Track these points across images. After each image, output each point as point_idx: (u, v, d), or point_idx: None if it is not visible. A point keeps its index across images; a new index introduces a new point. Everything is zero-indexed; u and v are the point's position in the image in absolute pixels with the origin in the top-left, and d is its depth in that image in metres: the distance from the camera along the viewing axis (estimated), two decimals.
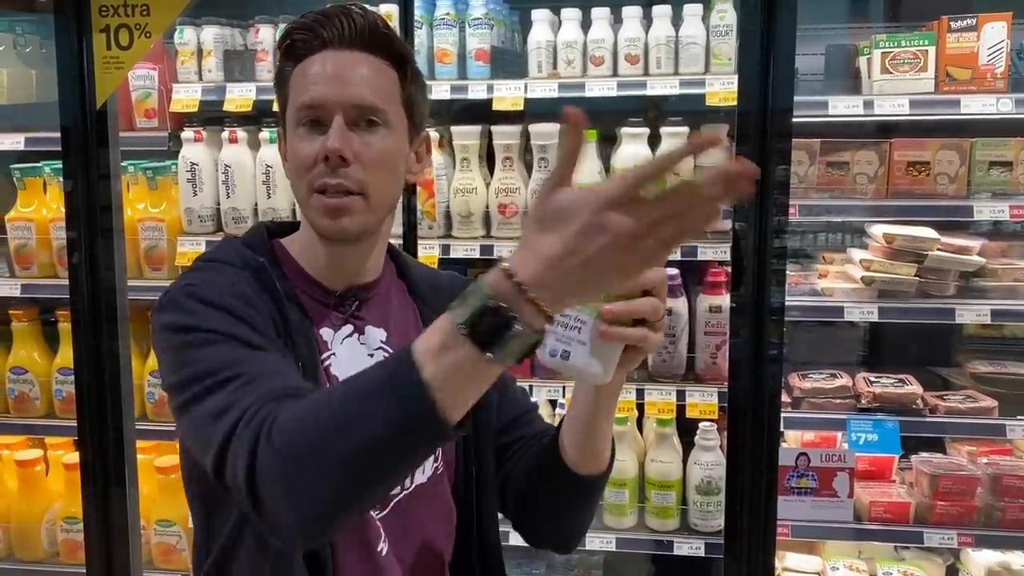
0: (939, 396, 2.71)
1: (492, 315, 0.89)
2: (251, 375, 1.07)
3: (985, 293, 2.68)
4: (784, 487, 2.61)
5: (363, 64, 1.25)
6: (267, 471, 0.97)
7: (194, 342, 1.14)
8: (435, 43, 2.80)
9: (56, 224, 2.88)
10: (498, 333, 0.89)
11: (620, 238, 0.85)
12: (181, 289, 1.21)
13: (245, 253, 1.30)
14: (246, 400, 1.03)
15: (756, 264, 2.29)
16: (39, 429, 3.02)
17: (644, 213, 0.85)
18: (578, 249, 0.86)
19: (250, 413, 1.01)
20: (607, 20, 2.74)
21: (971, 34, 2.55)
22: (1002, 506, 2.61)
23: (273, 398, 1.02)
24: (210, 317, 1.15)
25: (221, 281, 1.22)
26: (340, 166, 1.22)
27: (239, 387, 1.06)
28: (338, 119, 1.22)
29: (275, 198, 2.87)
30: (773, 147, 2.25)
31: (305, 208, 1.28)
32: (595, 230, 0.85)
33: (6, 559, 3.00)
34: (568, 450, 1.31)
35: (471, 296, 0.90)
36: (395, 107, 1.28)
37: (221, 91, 2.83)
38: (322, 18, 1.25)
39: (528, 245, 0.89)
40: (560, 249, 0.87)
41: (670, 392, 2.69)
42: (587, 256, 0.86)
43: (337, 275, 1.34)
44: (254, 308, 1.20)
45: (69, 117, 2.40)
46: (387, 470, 0.98)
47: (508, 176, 2.82)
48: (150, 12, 2.31)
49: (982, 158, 2.69)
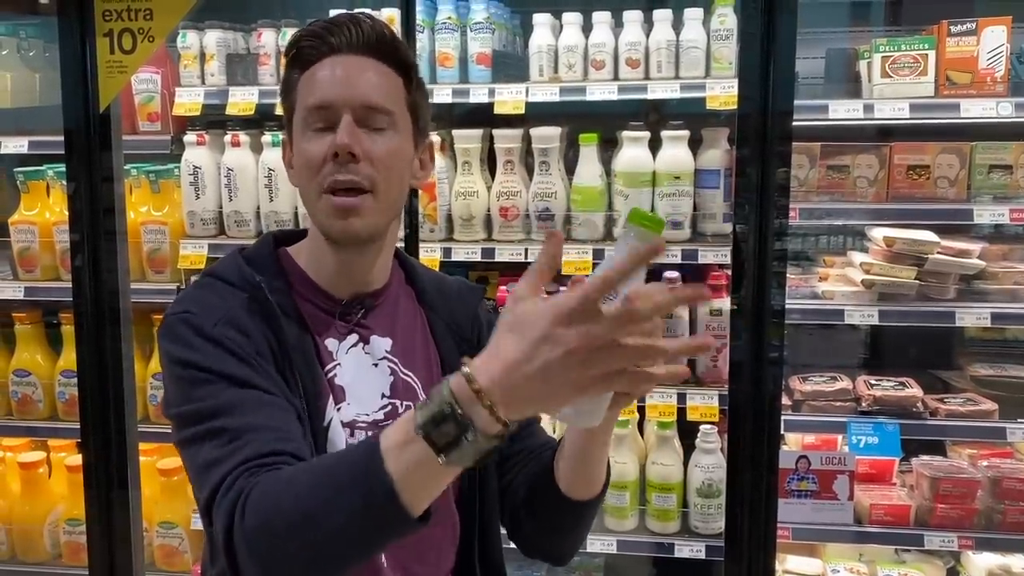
0: (939, 399, 2.71)
1: (449, 421, 0.91)
2: (237, 430, 1.11)
3: (985, 296, 2.68)
4: (785, 490, 2.61)
5: (370, 68, 1.27)
6: (242, 548, 1.03)
7: (190, 379, 1.18)
8: (437, 47, 2.81)
9: (59, 227, 2.89)
10: (454, 440, 0.91)
11: (570, 355, 0.86)
12: (180, 316, 1.23)
13: (245, 271, 1.30)
14: (229, 462, 1.08)
15: (756, 267, 2.30)
16: (42, 431, 3.03)
17: (596, 333, 0.86)
18: (533, 359, 0.88)
19: (230, 480, 1.06)
20: (608, 24, 2.75)
21: (971, 38, 2.56)
22: (1002, 509, 2.61)
23: (253, 467, 1.06)
24: (205, 353, 1.18)
25: (217, 306, 1.24)
26: (349, 162, 1.23)
27: (225, 443, 1.10)
28: (347, 117, 1.23)
29: (277, 201, 2.88)
30: (773, 150, 2.26)
31: (314, 211, 1.28)
32: (548, 343, 0.87)
33: (9, 561, 3.01)
34: (561, 477, 1.30)
35: (435, 398, 0.93)
36: (401, 111, 1.29)
37: (223, 95, 2.84)
38: (330, 25, 1.27)
39: (493, 349, 0.91)
40: (518, 357, 0.88)
41: (671, 395, 2.70)
42: (541, 367, 0.87)
43: (344, 282, 1.34)
44: (247, 335, 1.21)
45: (72, 120, 2.40)
46: (353, 556, 1.02)
47: (509, 179, 2.83)
48: (153, 16, 2.32)
49: (982, 161, 2.69)
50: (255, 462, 1.07)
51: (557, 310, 0.87)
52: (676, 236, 2.73)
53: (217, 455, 1.10)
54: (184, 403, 1.18)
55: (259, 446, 1.09)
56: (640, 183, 2.73)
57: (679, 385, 2.73)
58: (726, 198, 2.71)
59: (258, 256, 1.35)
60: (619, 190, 2.75)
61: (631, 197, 2.72)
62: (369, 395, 1.32)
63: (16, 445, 3.08)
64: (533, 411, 0.96)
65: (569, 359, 0.87)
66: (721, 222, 2.73)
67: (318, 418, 1.25)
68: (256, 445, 1.09)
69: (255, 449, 1.08)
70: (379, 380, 1.34)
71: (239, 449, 1.09)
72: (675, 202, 2.72)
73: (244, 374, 1.17)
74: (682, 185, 2.72)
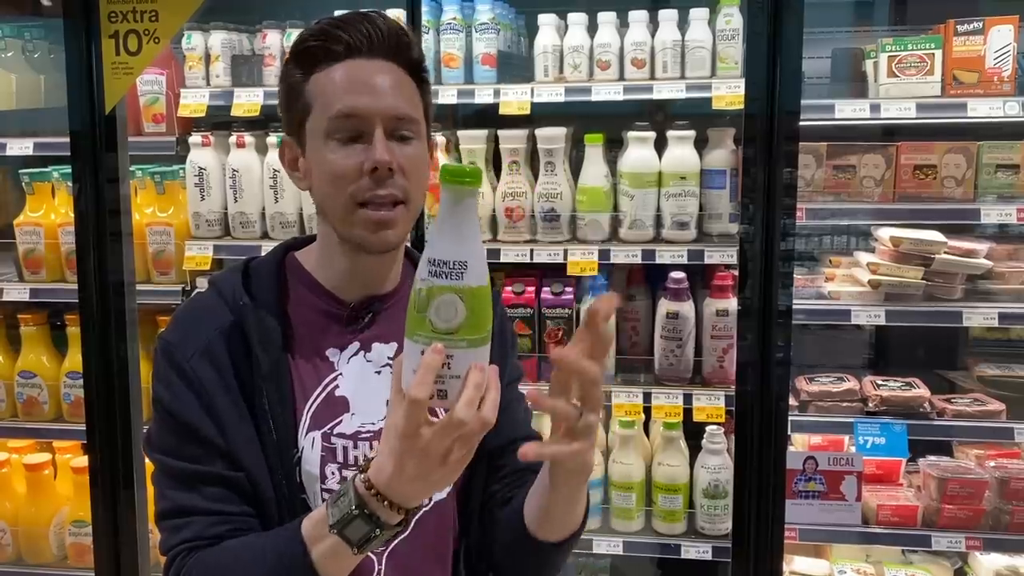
0: (946, 399, 2.71)
1: (358, 519, 1.06)
2: (183, 507, 1.23)
3: (992, 296, 2.68)
4: (791, 490, 2.60)
5: (389, 74, 1.24)
6: None
7: (160, 421, 1.27)
8: (442, 47, 2.81)
9: (65, 229, 2.89)
10: (365, 536, 1.06)
11: (427, 459, 1.01)
12: (163, 344, 1.28)
13: (238, 290, 1.29)
14: (176, 537, 1.22)
15: (763, 267, 2.30)
16: (48, 433, 3.02)
17: (433, 445, 1.01)
18: (405, 468, 1.02)
19: (172, 554, 1.21)
20: (613, 24, 2.75)
21: (978, 37, 2.55)
22: (1010, 510, 2.60)
23: (191, 547, 1.20)
24: (178, 396, 1.24)
25: (200, 330, 1.27)
26: (388, 178, 1.21)
27: (174, 514, 1.23)
28: (379, 131, 1.21)
29: (282, 202, 2.88)
30: (780, 150, 2.26)
31: (344, 223, 1.25)
32: (407, 456, 1.01)
33: (14, 563, 3.01)
34: (528, 515, 1.27)
35: (343, 499, 1.07)
36: (421, 117, 1.28)
37: (228, 96, 2.84)
38: (344, 24, 1.23)
39: (379, 457, 1.05)
40: (395, 469, 1.03)
41: (677, 396, 2.70)
42: (414, 473, 1.02)
43: (355, 285, 1.32)
44: (220, 370, 1.25)
45: (78, 122, 2.41)
46: None
47: (514, 180, 2.83)
48: (159, 18, 2.32)
49: (989, 161, 2.68)
50: (192, 544, 1.21)
51: (397, 432, 1.01)
52: (682, 236, 2.72)
53: (168, 524, 1.24)
54: (157, 448, 1.27)
55: (199, 529, 1.21)
56: (646, 183, 2.72)
57: (685, 386, 2.73)
58: (732, 198, 2.70)
59: (262, 266, 1.34)
60: (625, 190, 2.75)
61: (636, 197, 2.72)
62: (373, 404, 1.30)
63: (22, 447, 3.08)
64: (428, 493, 1.10)
65: (428, 462, 1.01)
66: (727, 222, 2.72)
67: (288, 448, 1.25)
68: (196, 528, 1.21)
69: (194, 532, 1.21)
70: (383, 388, 1.30)
71: (184, 529, 1.22)
72: (681, 202, 2.71)
73: (208, 431, 1.23)
74: (688, 185, 2.72)
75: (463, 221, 0.98)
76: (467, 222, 0.98)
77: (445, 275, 0.97)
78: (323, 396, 1.28)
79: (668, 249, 2.68)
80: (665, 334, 2.76)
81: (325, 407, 1.28)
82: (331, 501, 1.08)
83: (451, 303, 0.97)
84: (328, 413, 1.28)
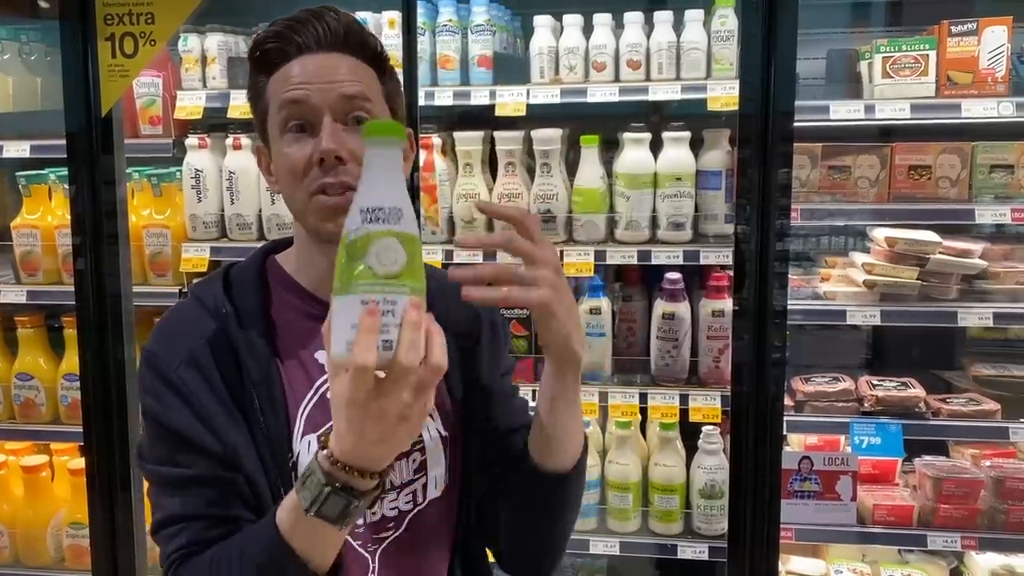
0: (942, 399, 2.71)
1: (331, 497, 1.02)
2: (176, 515, 1.22)
3: (987, 296, 2.68)
4: (787, 491, 2.61)
5: (342, 62, 1.24)
6: None
7: (152, 433, 1.26)
8: (437, 49, 2.82)
9: (61, 231, 2.89)
10: (342, 511, 1.02)
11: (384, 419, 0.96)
12: (148, 356, 1.26)
13: (219, 297, 1.29)
14: (171, 544, 1.21)
15: (758, 268, 2.30)
16: (45, 435, 3.02)
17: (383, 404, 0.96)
18: (365, 432, 0.97)
19: (168, 562, 1.21)
20: (609, 26, 2.75)
21: (972, 38, 2.56)
22: (1005, 509, 2.61)
23: (184, 553, 1.20)
24: (167, 404, 1.23)
25: (185, 340, 1.26)
26: (337, 166, 1.20)
27: (168, 523, 1.22)
28: (327, 119, 1.21)
29: (279, 204, 2.88)
30: (775, 151, 2.26)
31: (303, 214, 1.25)
32: (364, 419, 0.97)
33: (12, 565, 3.01)
34: (533, 446, 1.28)
35: (310, 479, 1.03)
36: (378, 100, 1.27)
37: (225, 98, 2.84)
38: (294, 24, 1.24)
39: (336, 428, 1.00)
40: (354, 435, 0.98)
41: (673, 396, 2.70)
42: (376, 437, 0.97)
43: None
44: (208, 380, 1.24)
45: (74, 124, 2.41)
46: None
47: (511, 181, 2.83)
48: (155, 20, 2.32)
49: (983, 161, 2.69)
50: (186, 550, 1.20)
51: (345, 401, 0.96)
52: (678, 237, 2.73)
53: (163, 522, 1.23)
54: (149, 459, 1.26)
55: (194, 534, 1.20)
56: (641, 184, 2.73)
57: (681, 386, 2.74)
58: (728, 199, 2.71)
59: (242, 272, 1.34)
60: (620, 192, 2.76)
61: (632, 198, 2.73)
62: None
63: (18, 449, 3.08)
64: (395, 453, 1.03)
65: (386, 422, 0.96)
66: (723, 223, 2.73)
67: (283, 453, 1.24)
68: (189, 534, 1.21)
69: (188, 538, 1.20)
70: None
71: (181, 532, 1.21)
72: (677, 203, 2.72)
73: (200, 436, 1.21)
74: (684, 186, 2.72)
75: (392, 171, 0.97)
76: (395, 172, 0.97)
77: (382, 219, 0.94)
78: (317, 399, 1.28)
79: (664, 250, 2.69)
80: (661, 335, 2.76)
81: (319, 410, 1.27)
82: (298, 486, 1.04)
83: (392, 247, 0.94)
84: (323, 416, 1.27)
